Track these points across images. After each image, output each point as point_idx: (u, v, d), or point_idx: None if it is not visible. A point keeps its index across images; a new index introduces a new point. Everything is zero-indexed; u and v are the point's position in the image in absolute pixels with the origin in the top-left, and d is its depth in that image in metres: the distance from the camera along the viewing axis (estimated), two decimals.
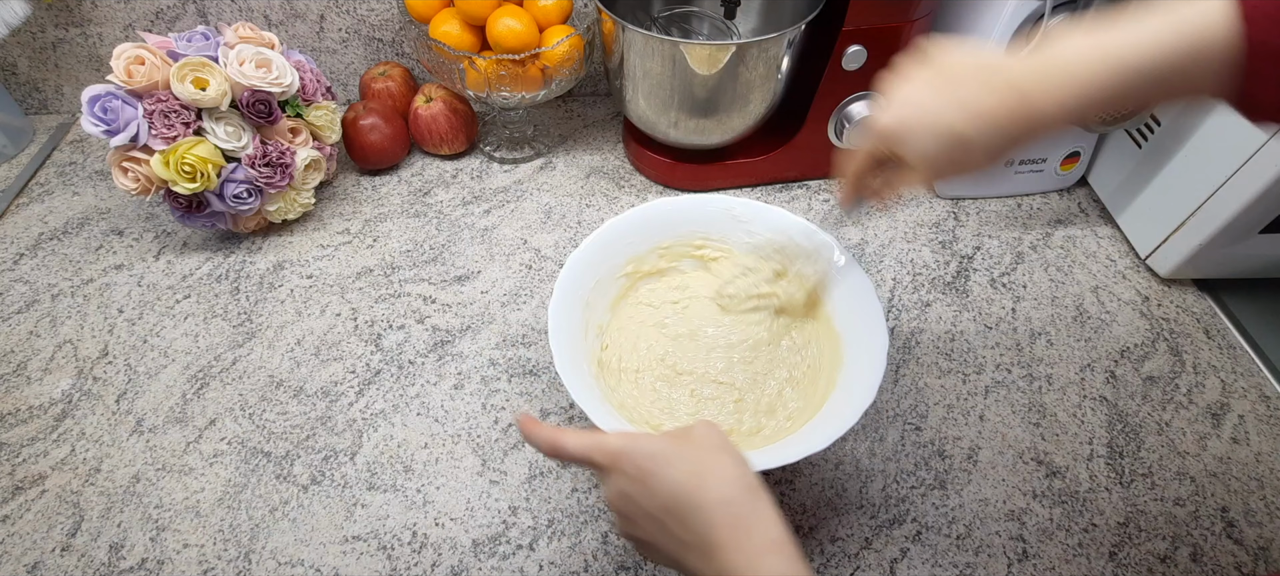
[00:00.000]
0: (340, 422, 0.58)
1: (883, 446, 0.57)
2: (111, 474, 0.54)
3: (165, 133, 0.61)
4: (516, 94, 0.72)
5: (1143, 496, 0.54)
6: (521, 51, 0.69)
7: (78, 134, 0.84)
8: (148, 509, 0.52)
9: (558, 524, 0.52)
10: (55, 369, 0.61)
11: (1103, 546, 0.51)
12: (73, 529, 0.51)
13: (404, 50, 0.86)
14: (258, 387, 0.60)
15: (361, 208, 0.76)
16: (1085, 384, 0.61)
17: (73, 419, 0.57)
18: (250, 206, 0.66)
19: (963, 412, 0.59)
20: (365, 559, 0.50)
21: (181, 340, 0.63)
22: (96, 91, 0.60)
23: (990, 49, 0.39)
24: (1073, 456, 0.56)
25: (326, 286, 0.68)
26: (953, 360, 0.63)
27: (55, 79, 0.84)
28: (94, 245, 0.71)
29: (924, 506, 0.53)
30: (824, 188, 0.79)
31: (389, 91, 0.80)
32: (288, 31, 0.83)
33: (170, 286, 0.68)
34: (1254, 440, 0.58)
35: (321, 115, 0.71)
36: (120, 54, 0.60)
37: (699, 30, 0.80)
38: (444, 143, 0.80)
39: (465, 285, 0.68)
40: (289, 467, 0.55)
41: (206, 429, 0.57)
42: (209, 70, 0.62)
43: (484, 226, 0.74)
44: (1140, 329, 0.66)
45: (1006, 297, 0.68)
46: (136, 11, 0.79)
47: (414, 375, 0.61)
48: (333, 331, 0.64)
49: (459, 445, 0.56)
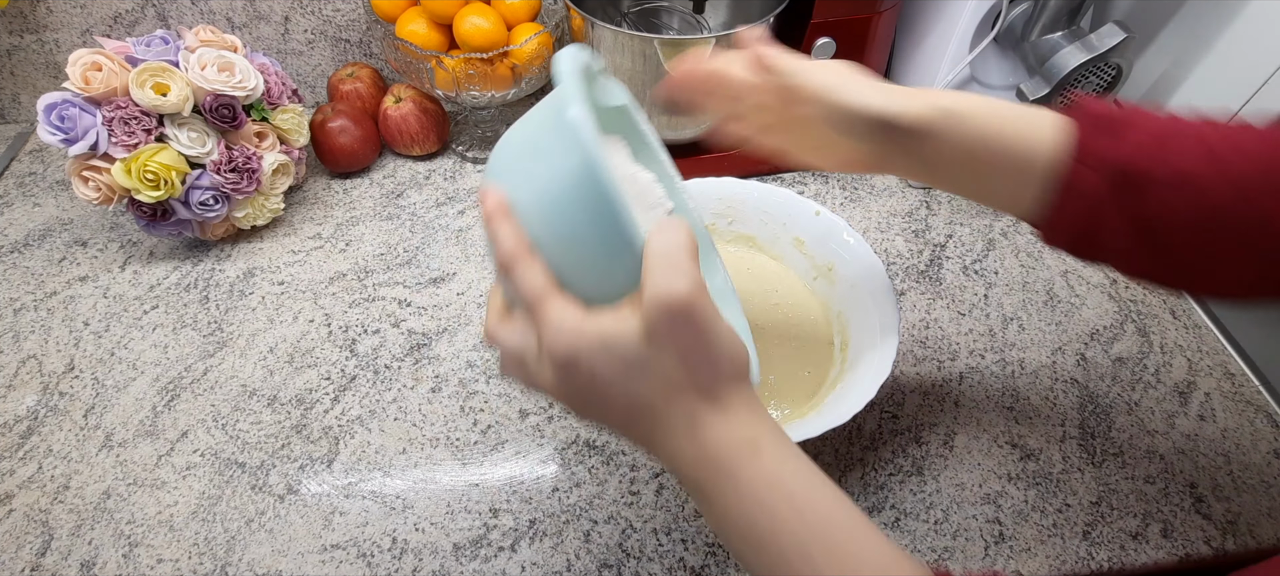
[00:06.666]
0: (316, 430, 0.57)
1: (861, 436, 0.57)
2: (81, 490, 0.53)
3: (126, 140, 0.59)
4: (487, 93, 0.72)
5: (1114, 475, 0.55)
6: (489, 50, 0.68)
7: (37, 143, 0.82)
8: (119, 525, 0.51)
9: (539, 524, 0.52)
10: (19, 385, 0.59)
11: (1076, 525, 0.52)
12: (42, 548, 0.50)
13: (372, 50, 0.85)
14: (230, 397, 0.59)
15: (333, 211, 0.75)
16: (1056, 367, 0.62)
17: (39, 435, 0.56)
18: (217, 213, 0.65)
19: (938, 399, 0.60)
20: (345, 567, 0.50)
21: (150, 352, 0.62)
22: (53, 99, 0.59)
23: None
24: (1046, 438, 0.57)
25: (299, 292, 0.67)
26: (928, 348, 0.63)
27: (11, 87, 0.82)
28: (57, 257, 0.70)
29: (902, 493, 0.54)
30: (797, 179, 0.79)
31: (357, 93, 0.79)
32: (251, 33, 0.81)
33: (137, 297, 0.66)
34: (1220, 417, 0.59)
35: (288, 118, 0.70)
36: (77, 60, 0.59)
37: (669, 24, 0.80)
38: (415, 143, 0.79)
39: (441, 287, 0.68)
40: (264, 477, 0.54)
41: (178, 441, 0.56)
42: (169, 75, 0.60)
43: (458, 227, 0.73)
44: (1109, 311, 0.67)
45: (979, 284, 0.69)
46: (94, 16, 0.77)
47: (390, 380, 0.60)
48: (306, 338, 0.63)
49: (438, 449, 0.56)
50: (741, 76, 0.43)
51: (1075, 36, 0.68)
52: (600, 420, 0.35)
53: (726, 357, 0.32)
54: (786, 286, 0.62)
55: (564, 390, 0.33)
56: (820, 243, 0.60)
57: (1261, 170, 0.34)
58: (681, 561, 0.50)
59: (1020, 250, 0.72)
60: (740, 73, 0.43)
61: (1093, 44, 0.66)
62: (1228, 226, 0.35)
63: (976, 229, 0.74)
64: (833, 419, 0.47)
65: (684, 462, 0.33)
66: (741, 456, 0.32)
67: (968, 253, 0.72)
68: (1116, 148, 0.36)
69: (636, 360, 0.31)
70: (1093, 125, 0.37)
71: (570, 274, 0.33)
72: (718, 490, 0.32)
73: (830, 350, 0.57)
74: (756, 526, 0.31)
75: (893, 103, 0.39)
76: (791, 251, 0.62)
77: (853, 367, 0.53)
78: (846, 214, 0.76)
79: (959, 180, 0.41)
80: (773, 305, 0.61)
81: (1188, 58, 0.69)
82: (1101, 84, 0.70)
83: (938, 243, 0.73)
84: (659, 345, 0.30)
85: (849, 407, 0.47)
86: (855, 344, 0.54)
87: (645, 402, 0.32)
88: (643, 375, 0.31)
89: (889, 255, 0.72)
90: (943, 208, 0.76)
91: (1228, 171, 0.34)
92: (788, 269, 0.63)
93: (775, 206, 0.62)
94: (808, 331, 0.59)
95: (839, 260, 0.58)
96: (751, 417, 0.33)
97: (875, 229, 0.74)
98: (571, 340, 0.31)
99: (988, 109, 0.39)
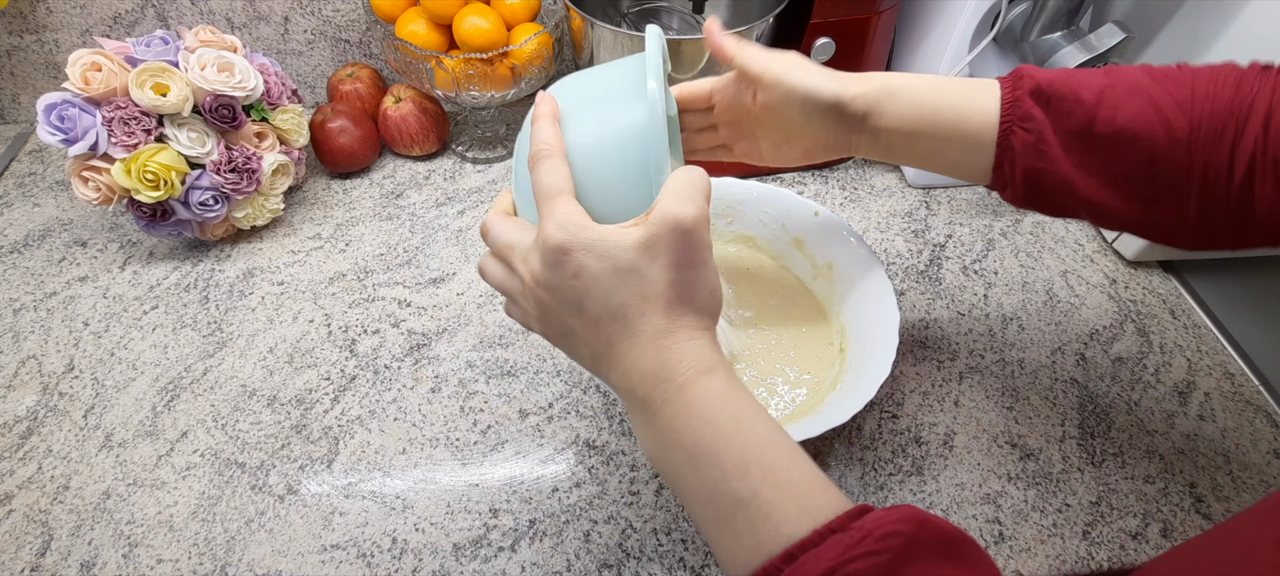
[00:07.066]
0: (316, 430, 0.57)
1: (860, 435, 0.57)
2: (81, 491, 0.53)
3: (125, 140, 0.59)
4: (486, 93, 0.72)
5: (1114, 475, 0.55)
6: (489, 50, 0.68)
7: (36, 144, 0.82)
8: (119, 525, 0.51)
9: (539, 524, 0.52)
10: (19, 385, 0.59)
11: (1076, 525, 0.52)
12: (42, 548, 0.50)
13: (372, 51, 0.85)
14: (230, 398, 0.59)
15: (332, 212, 0.75)
16: (1056, 367, 0.62)
17: (39, 436, 0.56)
18: (217, 214, 0.65)
19: (938, 399, 0.60)
20: (344, 567, 0.50)
21: (150, 352, 0.62)
22: (53, 100, 0.59)
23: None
24: (1045, 438, 0.57)
25: (298, 293, 0.67)
26: (927, 348, 0.63)
27: (11, 87, 0.82)
28: (57, 257, 0.70)
29: (902, 493, 0.54)
30: (797, 179, 0.79)
31: (357, 93, 0.79)
32: (251, 34, 0.81)
33: (137, 297, 0.66)
34: (1219, 417, 0.59)
35: (288, 118, 0.70)
36: (76, 60, 0.59)
37: (668, 24, 0.80)
38: (415, 143, 0.79)
39: (440, 287, 0.68)
40: (264, 478, 0.54)
41: (178, 441, 0.56)
42: (169, 75, 0.60)
43: (458, 227, 0.73)
44: (1108, 311, 0.67)
45: (978, 284, 0.69)
46: (93, 17, 0.78)
47: (390, 380, 0.60)
48: (306, 338, 0.63)
49: (438, 449, 0.56)
50: (704, 87, 0.49)
51: (1074, 37, 0.68)
52: (562, 328, 0.36)
53: (707, 291, 0.35)
54: (786, 286, 0.62)
55: (543, 283, 0.35)
56: (820, 243, 0.60)
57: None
58: (681, 561, 0.50)
59: (1020, 250, 0.72)
60: (704, 86, 0.49)
61: (1092, 44, 0.66)
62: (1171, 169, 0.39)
63: (976, 229, 0.74)
64: (833, 419, 0.47)
65: (637, 375, 0.34)
66: (696, 375, 0.33)
67: (967, 253, 0.72)
68: (1045, 80, 0.41)
69: (626, 265, 0.33)
70: (1031, 83, 0.41)
71: (588, 203, 0.35)
72: (667, 403, 0.33)
73: (830, 350, 0.57)
74: (701, 440, 0.33)
75: (842, 85, 0.43)
76: (791, 251, 0.62)
77: (853, 367, 0.53)
78: (846, 214, 0.76)
79: (913, 152, 0.45)
80: (773, 305, 0.61)
81: (1187, 58, 0.69)
82: None
83: (937, 243, 0.73)
84: (652, 255, 0.33)
85: (849, 408, 0.47)
86: (855, 344, 0.54)
87: (618, 308, 0.34)
88: (625, 281, 0.33)
89: (889, 255, 0.72)
90: (942, 208, 0.76)
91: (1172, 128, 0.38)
92: (788, 269, 0.63)
93: (775, 206, 0.62)
94: (808, 331, 0.59)
95: (839, 260, 0.58)
96: (711, 349, 0.35)
97: (875, 229, 0.74)
98: (571, 233, 0.33)
99: (929, 82, 0.43)
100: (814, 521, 0.30)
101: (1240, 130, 0.36)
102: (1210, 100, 0.37)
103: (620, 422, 0.58)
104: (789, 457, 0.32)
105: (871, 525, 0.29)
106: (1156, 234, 0.42)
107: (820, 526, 0.29)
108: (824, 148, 0.47)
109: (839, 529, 0.29)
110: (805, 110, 0.44)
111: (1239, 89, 0.37)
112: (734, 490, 0.31)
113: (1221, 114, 0.37)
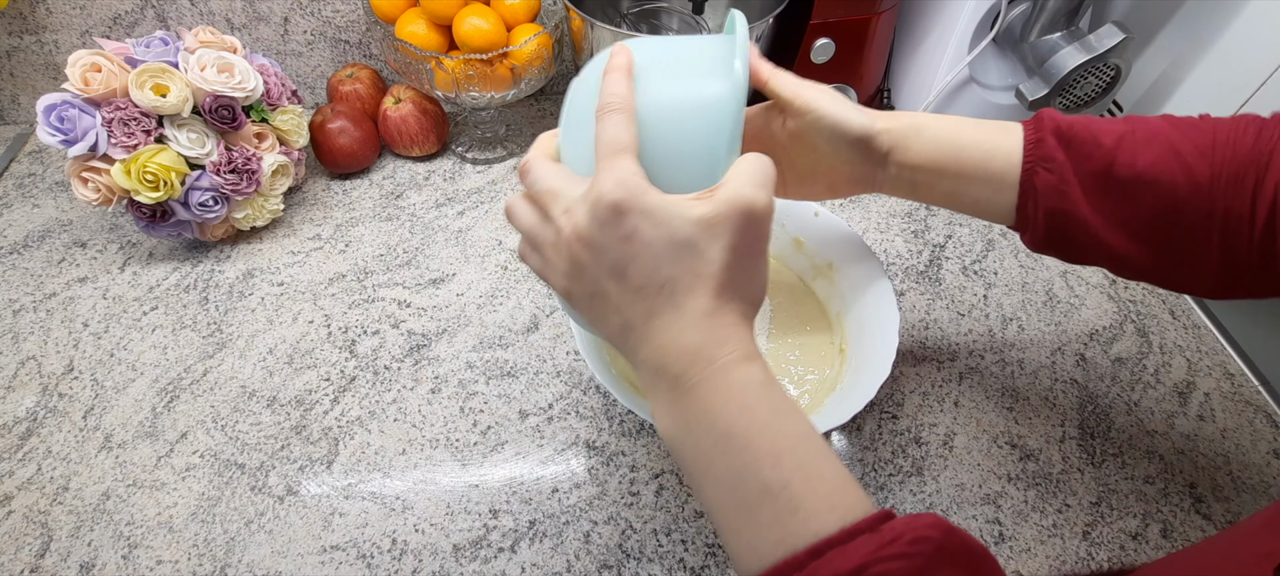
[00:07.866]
0: (315, 431, 0.57)
1: (860, 436, 0.57)
2: (80, 491, 0.53)
3: (125, 141, 0.59)
4: (486, 94, 0.72)
5: (1114, 475, 0.55)
6: (489, 51, 0.68)
7: (36, 144, 0.82)
8: (119, 526, 0.51)
9: (539, 525, 0.52)
10: (18, 386, 0.59)
11: (1076, 526, 0.52)
12: (41, 549, 0.50)
13: (371, 51, 0.85)
14: (230, 398, 0.59)
15: (332, 212, 0.75)
16: (1056, 367, 0.62)
17: (38, 437, 0.56)
18: (217, 214, 0.65)
19: (938, 399, 0.60)
20: (344, 568, 0.50)
21: (150, 353, 0.62)
22: (52, 100, 0.59)
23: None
24: (1045, 438, 0.57)
25: (298, 293, 0.67)
26: (927, 348, 0.63)
27: (11, 88, 0.82)
28: (56, 258, 0.70)
29: (902, 493, 0.54)
30: None
31: (357, 93, 0.79)
32: (250, 35, 0.81)
33: (137, 298, 0.66)
34: (1219, 417, 0.59)
35: (288, 119, 0.70)
36: (76, 61, 0.59)
37: (668, 25, 0.80)
38: (415, 144, 0.79)
39: (440, 288, 0.68)
40: (264, 479, 0.54)
41: (178, 442, 0.56)
42: (169, 76, 0.60)
43: (458, 228, 0.73)
44: (1108, 311, 0.67)
45: (978, 285, 0.69)
46: (93, 17, 0.77)
47: (390, 381, 0.60)
48: (306, 339, 0.63)
49: (437, 449, 0.56)
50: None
51: (1074, 37, 0.68)
52: (594, 289, 0.34)
53: (758, 283, 0.35)
54: (786, 287, 0.62)
55: (585, 239, 0.33)
56: (820, 242, 0.60)
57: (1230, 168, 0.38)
58: (681, 562, 0.50)
59: (1019, 251, 0.72)
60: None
61: (1091, 44, 0.66)
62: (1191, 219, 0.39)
63: (976, 229, 0.74)
64: (833, 419, 0.47)
65: (675, 351, 0.33)
66: (738, 360, 0.33)
67: (967, 253, 0.72)
68: (1065, 123, 0.41)
69: (684, 238, 0.32)
70: (1052, 125, 0.41)
71: (645, 167, 0.34)
72: (704, 381, 0.33)
73: (830, 350, 0.57)
74: (735, 424, 0.32)
75: (871, 119, 0.43)
76: (791, 251, 0.62)
77: (853, 367, 0.53)
78: (846, 214, 0.76)
79: (937, 189, 0.45)
80: (773, 305, 0.61)
81: (1186, 58, 0.69)
82: (1100, 85, 0.70)
83: (937, 243, 0.73)
84: (714, 234, 0.32)
85: (849, 408, 0.47)
86: (855, 344, 0.55)
87: (666, 281, 0.32)
88: (680, 254, 0.32)
89: (889, 255, 0.72)
90: (942, 209, 0.76)
91: (1193, 174, 0.38)
92: (788, 269, 0.63)
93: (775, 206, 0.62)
94: (808, 331, 0.59)
95: (839, 260, 0.58)
96: (752, 339, 0.35)
97: (875, 229, 0.74)
98: (631, 193, 0.32)
99: (953, 122, 0.44)
100: (842, 520, 0.30)
101: (1261, 177, 0.36)
102: (1231, 147, 0.37)
103: (620, 423, 0.58)
104: (821, 454, 0.32)
105: (901, 528, 0.29)
106: (1178, 281, 0.42)
107: (849, 525, 0.29)
108: (848, 182, 0.46)
109: (867, 529, 0.29)
110: (833, 141, 0.43)
111: (1260, 137, 0.37)
112: (764, 478, 0.31)
113: (1242, 161, 0.37)
